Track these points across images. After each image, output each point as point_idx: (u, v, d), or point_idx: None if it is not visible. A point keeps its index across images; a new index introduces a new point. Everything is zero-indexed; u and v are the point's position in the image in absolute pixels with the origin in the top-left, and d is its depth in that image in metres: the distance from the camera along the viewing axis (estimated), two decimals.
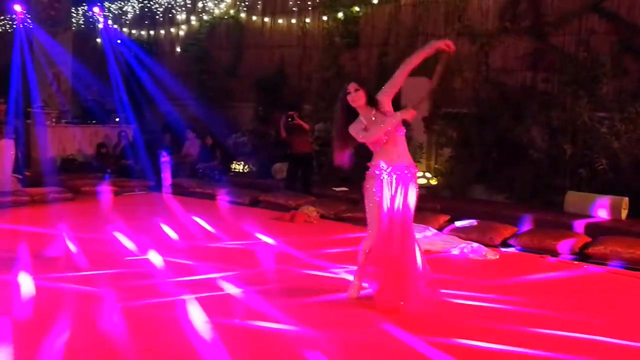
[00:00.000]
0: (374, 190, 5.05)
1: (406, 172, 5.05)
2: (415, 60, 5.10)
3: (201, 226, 8.22)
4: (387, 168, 5.02)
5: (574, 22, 9.37)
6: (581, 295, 5.75)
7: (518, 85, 9.81)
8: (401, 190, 5.00)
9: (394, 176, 5.01)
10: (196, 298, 5.08)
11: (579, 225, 7.90)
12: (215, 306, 4.95)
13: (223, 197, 10.41)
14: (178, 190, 11.27)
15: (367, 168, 5.15)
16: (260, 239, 7.53)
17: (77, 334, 4.29)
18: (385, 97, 5.10)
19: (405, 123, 5.11)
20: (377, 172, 5.05)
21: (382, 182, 5.02)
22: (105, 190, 10.65)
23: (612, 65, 8.78)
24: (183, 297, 5.12)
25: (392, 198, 4.99)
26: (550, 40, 9.59)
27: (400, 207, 4.98)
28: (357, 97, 5.02)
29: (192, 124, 13.54)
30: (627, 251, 6.76)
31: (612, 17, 9.05)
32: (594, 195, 8.34)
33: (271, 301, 5.09)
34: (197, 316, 4.68)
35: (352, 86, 5.05)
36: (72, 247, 6.75)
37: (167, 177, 11.57)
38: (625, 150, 8.50)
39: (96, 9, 15.90)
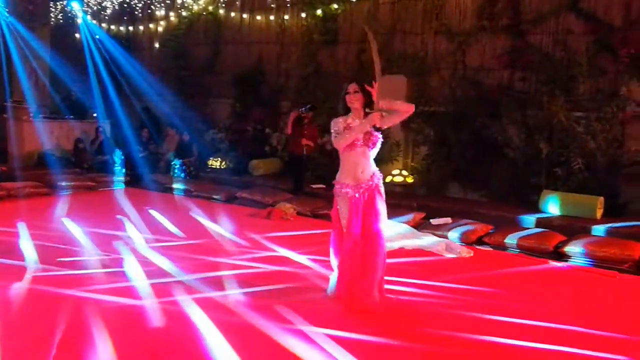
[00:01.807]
0: (339, 208, 5.03)
1: (370, 183, 4.99)
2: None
3: (172, 223, 8.11)
4: (352, 186, 4.96)
5: (551, 21, 9.40)
6: (554, 292, 5.75)
7: (495, 83, 9.82)
8: (368, 204, 4.95)
9: (360, 191, 4.95)
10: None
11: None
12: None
13: (199, 194, 10.36)
14: (155, 186, 11.16)
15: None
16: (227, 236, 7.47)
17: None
18: (388, 122, 5.04)
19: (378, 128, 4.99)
20: (344, 191, 4.99)
21: (347, 200, 4.95)
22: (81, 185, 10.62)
23: (589, 65, 8.80)
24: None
25: (357, 217, 4.93)
26: (528, 39, 9.62)
27: (367, 223, 4.94)
28: (354, 99, 4.97)
29: (170, 120, 13.43)
30: (601, 249, 6.77)
31: (589, 17, 9.09)
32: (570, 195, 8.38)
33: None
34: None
35: (352, 87, 5.00)
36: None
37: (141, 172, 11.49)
38: (601, 149, 8.54)
39: (75, 4, 15.72)
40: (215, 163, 12.69)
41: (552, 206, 8.39)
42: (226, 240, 7.23)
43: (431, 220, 8.17)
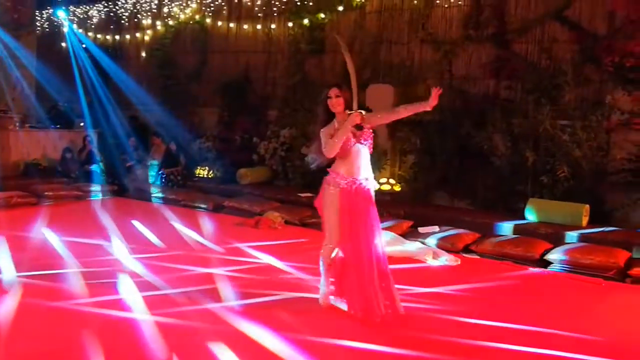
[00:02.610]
0: (332, 199, 4.98)
1: (364, 185, 4.99)
2: (412, 110, 5.06)
3: (156, 233, 8.05)
4: (347, 179, 4.95)
5: (537, 30, 9.47)
6: (541, 300, 5.80)
7: (481, 92, 9.87)
8: (362, 201, 4.94)
9: (354, 187, 4.94)
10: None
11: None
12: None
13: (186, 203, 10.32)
14: (142, 195, 11.12)
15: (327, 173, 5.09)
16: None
17: None
18: (373, 120, 5.04)
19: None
20: (337, 180, 4.98)
21: (340, 190, 4.95)
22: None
23: (574, 73, 8.87)
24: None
25: (352, 210, 4.93)
26: (513, 48, 9.68)
27: (363, 219, 4.93)
28: (336, 103, 4.93)
29: (157, 129, 13.39)
30: (587, 257, 6.81)
31: (574, 26, 9.16)
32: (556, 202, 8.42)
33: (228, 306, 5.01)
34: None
35: (333, 91, 4.95)
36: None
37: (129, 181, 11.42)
38: (586, 158, 8.58)
39: (61, 13, 15.67)
40: (202, 172, 12.66)
41: (538, 214, 8.43)
42: (213, 250, 7.21)
43: (419, 228, 8.19)
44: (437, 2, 10.39)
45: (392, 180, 10.41)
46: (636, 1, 8.44)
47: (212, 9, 13.71)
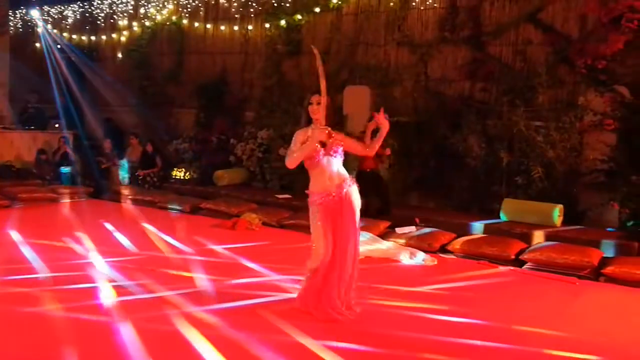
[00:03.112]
0: (316, 216, 5.00)
1: (339, 190, 4.99)
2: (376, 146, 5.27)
3: (139, 235, 8.03)
4: (322, 194, 4.97)
5: (511, 32, 9.60)
6: (516, 299, 5.86)
7: (456, 94, 9.97)
8: (338, 211, 4.97)
9: (329, 198, 4.96)
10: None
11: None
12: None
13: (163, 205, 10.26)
14: (118, 197, 11.04)
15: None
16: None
17: None
18: (340, 139, 5.07)
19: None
20: (314, 199, 5.02)
21: (321, 207, 4.97)
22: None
23: (548, 75, 8.98)
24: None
25: (331, 220, 4.96)
26: (488, 50, 9.80)
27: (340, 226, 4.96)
28: (316, 110, 4.96)
29: (133, 130, 13.31)
30: (562, 257, 6.90)
31: (547, 28, 9.30)
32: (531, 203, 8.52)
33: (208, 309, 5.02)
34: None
35: (315, 98, 4.98)
36: None
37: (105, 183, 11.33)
38: (560, 158, 8.68)
39: (35, 13, 15.51)
40: (179, 173, 12.62)
41: (513, 214, 8.52)
42: (188, 252, 7.17)
43: (396, 229, 8.23)
44: (413, 4, 10.49)
45: None
46: (607, 5, 8.57)
47: (188, 10, 13.69)
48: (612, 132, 8.46)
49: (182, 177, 12.58)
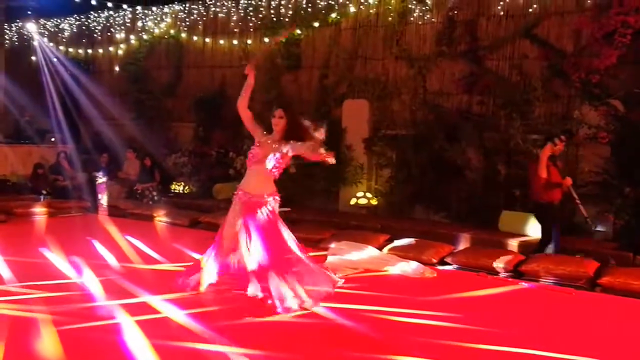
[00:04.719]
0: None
1: (260, 200, 5.65)
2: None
3: (138, 248, 7.99)
4: (238, 192, 5.70)
5: (507, 47, 9.77)
6: (515, 310, 5.94)
7: (454, 107, 10.11)
8: (247, 214, 5.58)
9: (248, 199, 5.62)
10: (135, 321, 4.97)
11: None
12: (153, 329, 4.85)
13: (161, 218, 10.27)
14: (115, 211, 11.02)
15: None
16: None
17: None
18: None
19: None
20: (238, 193, 5.73)
21: (236, 202, 5.70)
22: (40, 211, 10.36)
23: (543, 89, 9.14)
24: (121, 319, 5.00)
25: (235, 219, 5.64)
26: (485, 64, 9.95)
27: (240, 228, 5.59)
28: (277, 123, 5.62)
29: (130, 144, 13.34)
30: (559, 268, 7.01)
31: (543, 43, 9.47)
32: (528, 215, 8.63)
33: (209, 323, 5.02)
34: (136, 339, 4.58)
35: (278, 112, 5.62)
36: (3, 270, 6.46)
37: (101, 198, 11.28)
38: None
39: (31, 26, 15.56)
40: (178, 187, 12.65)
41: (511, 226, 8.62)
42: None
43: (395, 241, 8.30)
44: (411, 19, 10.64)
45: (368, 194, 10.55)
46: (600, 20, 8.72)
47: (187, 23, 13.79)
48: (606, 144, 8.58)
49: (181, 191, 12.62)
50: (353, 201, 10.46)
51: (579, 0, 9.22)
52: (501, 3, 9.81)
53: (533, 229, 8.41)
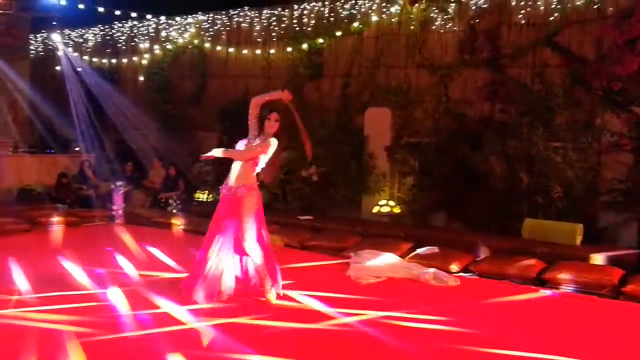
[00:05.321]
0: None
1: (236, 191, 5.91)
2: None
3: (160, 257, 7.98)
4: (226, 186, 6.00)
5: (529, 55, 9.80)
6: (537, 318, 5.96)
7: (476, 115, 10.15)
8: (232, 207, 5.84)
9: (229, 192, 5.94)
10: (162, 332, 5.01)
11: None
12: (181, 339, 4.88)
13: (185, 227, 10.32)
14: (139, 220, 11.02)
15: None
16: None
17: None
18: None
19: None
20: (222, 187, 6.07)
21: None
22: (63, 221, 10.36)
23: (565, 96, 9.12)
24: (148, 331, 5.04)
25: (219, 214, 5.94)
26: (507, 72, 9.99)
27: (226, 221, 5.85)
28: (271, 126, 5.99)
29: (155, 153, 13.48)
30: (582, 275, 7.01)
31: (564, 51, 9.50)
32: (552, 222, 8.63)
33: (239, 332, 5.06)
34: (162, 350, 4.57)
35: (274, 116, 5.99)
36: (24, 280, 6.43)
37: (119, 207, 11.30)
38: (579, 178, 8.81)
39: (56, 36, 15.80)
40: (202, 196, 12.76)
41: (534, 234, 8.63)
42: None
43: (418, 250, 8.33)
44: (433, 27, 10.72)
45: (391, 202, 10.59)
46: (622, 27, 8.72)
47: (210, 33, 13.96)
48: (629, 152, 8.58)
49: (205, 200, 12.72)
50: (375, 209, 10.51)
51: (600, 8, 9.24)
52: (522, 11, 9.85)
53: (557, 236, 8.39)
